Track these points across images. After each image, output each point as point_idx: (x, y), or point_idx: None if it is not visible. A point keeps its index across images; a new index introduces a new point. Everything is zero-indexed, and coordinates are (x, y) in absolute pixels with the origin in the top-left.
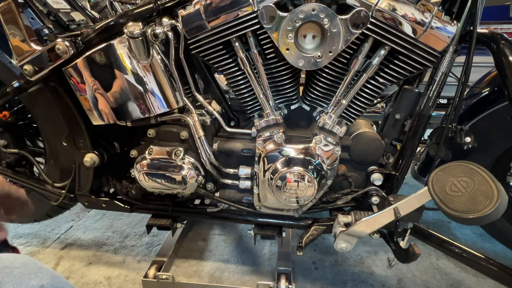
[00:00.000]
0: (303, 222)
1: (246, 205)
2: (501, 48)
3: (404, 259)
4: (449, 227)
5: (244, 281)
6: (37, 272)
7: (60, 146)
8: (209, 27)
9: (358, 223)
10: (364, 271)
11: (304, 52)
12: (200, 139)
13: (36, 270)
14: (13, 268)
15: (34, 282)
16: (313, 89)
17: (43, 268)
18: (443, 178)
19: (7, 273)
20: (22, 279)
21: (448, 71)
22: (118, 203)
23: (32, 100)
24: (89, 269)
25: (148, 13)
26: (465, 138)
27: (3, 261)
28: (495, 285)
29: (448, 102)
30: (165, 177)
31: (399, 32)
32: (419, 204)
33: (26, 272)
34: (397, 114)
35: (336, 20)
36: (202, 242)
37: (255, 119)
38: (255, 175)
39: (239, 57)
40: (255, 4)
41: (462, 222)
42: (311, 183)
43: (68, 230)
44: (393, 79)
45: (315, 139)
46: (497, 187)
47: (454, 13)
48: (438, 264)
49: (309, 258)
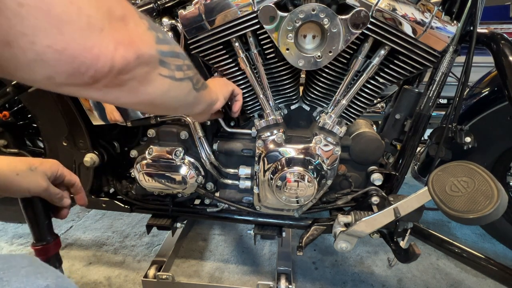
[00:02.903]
0: (303, 222)
1: (246, 205)
2: (501, 48)
3: (404, 259)
4: (449, 227)
5: (244, 281)
6: (43, 272)
7: (60, 146)
8: (209, 27)
9: (358, 223)
10: (364, 271)
11: (304, 52)
12: (200, 139)
13: (41, 270)
14: (19, 268)
15: (40, 282)
16: (313, 89)
17: (49, 268)
18: (443, 178)
19: (13, 273)
20: (29, 279)
21: (448, 71)
22: (118, 203)
23: (32, 100)
24: (89, 269)
25: (148, 13)
26: (465, 138)
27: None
28: (495, 285)
29: (448, 102)
30: (165, 177)
31: (399, 32)
32: (419, 204)
33: (32, 271)
34: (397, 114)
35: (336, 20)
36: (202, 242)
37: (255, 119)
38: (255, 175)
39: (239, 57)
40: (255, 4)
41: (462, 222)
42: (311, 183)
43: (68, 230)
44: (393, 79)
45: (315, 139)
46: (497, 187)
47: (454, 13)
48: (438, 264)
49: (309, 258)
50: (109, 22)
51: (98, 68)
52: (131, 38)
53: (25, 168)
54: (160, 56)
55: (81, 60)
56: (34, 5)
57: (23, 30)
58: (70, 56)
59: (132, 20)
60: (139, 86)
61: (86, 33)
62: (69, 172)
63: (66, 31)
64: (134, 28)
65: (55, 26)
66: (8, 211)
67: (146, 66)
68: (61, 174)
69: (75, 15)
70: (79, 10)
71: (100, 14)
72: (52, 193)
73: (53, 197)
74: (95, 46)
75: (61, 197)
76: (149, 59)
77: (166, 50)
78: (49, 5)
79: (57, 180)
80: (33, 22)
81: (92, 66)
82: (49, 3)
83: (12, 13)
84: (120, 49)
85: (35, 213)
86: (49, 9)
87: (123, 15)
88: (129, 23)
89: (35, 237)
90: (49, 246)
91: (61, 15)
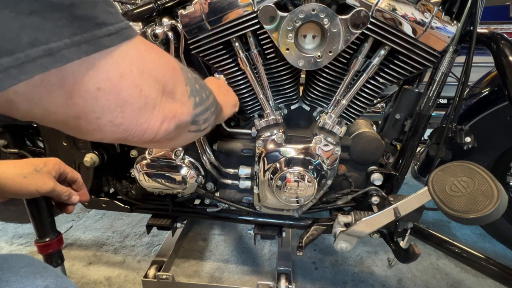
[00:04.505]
0: (303, 222)
1: (246, 205)
2: (501, 48)
3: (404, 259)
4: (449, 227)
5: (244, 281)
6: (42, 272)
7: (60, 146)
8: (209, 27)
9: (358, 223)
10: (364, 271)
11: (304, 52)
12: (200, 139)
13: (41, 269)
14: (18, 268)
15: (39, 282)
16: (313, 89)
17: (48, 268)
18: (443, 178)
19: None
20: (28, 279)
21: (448, 71)
22: (118, 203)
23: None
24: (89, 269)
25: (148, 13)
26: (465, 138)
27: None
28: (495, 285)
29: (448, 102)
30: (165, 177)
31: (399, 32)
32: (419, 204)
33: (32, 271)
34: (397, 114)
35: (336, 20)
36: (202, 242)
37: (255, 119)
38: (255, 175)
39: (239, 57)
40: (255, 4)
41: (462, 222)
42: (311, 183)
43: (68, 230)
44: (393, 79)
45: (315, 139)
46: (497, 187)
47: (454, 13)
48: (438, 264)
49: (309, 258)
50: (161, 100)
51: (143, 139)
52: (175, 111)
53: (31, 170)
54: (193, 118)
55: (131, 133)
56: (108, 89)
57: (93, 108)
58: (124, 129)
59: (179, 91)
60: (168, 142)
61: (141, 112)
62: (70, 169)
63: (126, 110)
64: (179, 98)
65: (119, 106)
66: (8, 211)
67: (180, 129)
68: (64, 171)
69: (137, 97)
70: (140, 92)
71: (155, 93)
72: (60, 191)
73: (62, 195)
74: (145, 122)
75: (70, 195)
76: (185, 124)
77: (199, 111)
78: (119, 89)
79: (60, 178)
80: (104, 103)
81: (137, 137)
82: (120, 88)
83: (89, 96)
84: (164, 124)
85: (38, 210)
86: (119, 92)
87: (173, 88)
88: (176, 94)
89: (38, 234)
90: (52, 243)
91: (126, 98)
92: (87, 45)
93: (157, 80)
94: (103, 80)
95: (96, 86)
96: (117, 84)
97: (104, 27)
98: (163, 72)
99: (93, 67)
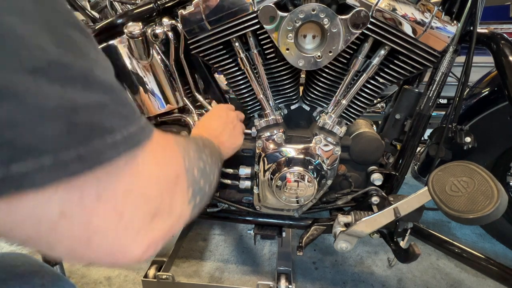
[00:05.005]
0: (303, 222)
1: (246, 205)
2: (501, 48)
3: (404, 259)
4: (449, 227)
5: (244, 281)
6: (40, 271)
7: None
8: (209, 27)
9: (358, 223)
10: (364, 271)
11: (304, 52)
12: None
13: (38, 268)
14: (16, 267)
15: (37, 281)
16: (313, 89)
17: (45, 267)
18: (443, 178)
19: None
20: (25, 278)
21: (448, 71)
22: None
23: None
24: (89, 269)
25: (148, 13)
26: (465, 138)
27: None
28: (495, 285)
29: (448, 102)
30: None
31: (399, 32)
32: (419, 204)
33: (29, 270)
34: (397, 114)
35: (336, 20)
36: (202, 242)
37: (255, 119)
38: (255, 175)
39: (239, 57)
40: (255, 4)
41: (462, 222)
42: (311, 183)
43: None
44: (393, 79)
45: (315, 139)
46: (497, 187)
47: (454, 13)
48: (438, 264)
49: (309, 258)
50: (150, 223)
51: (124, 264)
52: (166, 232)
53: None
54: (190, 214)
55: (112, 261)
56: (76, 220)
57: (64, 238)
58: (104, 258)
59: (179, 201)
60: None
61: (127, 240)
62: None
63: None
64: (176, 211)
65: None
66: None
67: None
68: None
69: (114, 225)
70: (120, 218)
71: (140, 219)
72: None
73: None
74: (128, 251)
75: None
76: (179, 229)
77: (197, 202)
78: (91, 217)
79: None
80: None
81: (119, 263)
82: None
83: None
84: (150, 249)
85: None
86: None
87: (170, 203)
88: (173, 208)
89: None
90: None
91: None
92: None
93: (150, 200)
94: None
95: (61, 213)
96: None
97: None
98: (162, 189)
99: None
